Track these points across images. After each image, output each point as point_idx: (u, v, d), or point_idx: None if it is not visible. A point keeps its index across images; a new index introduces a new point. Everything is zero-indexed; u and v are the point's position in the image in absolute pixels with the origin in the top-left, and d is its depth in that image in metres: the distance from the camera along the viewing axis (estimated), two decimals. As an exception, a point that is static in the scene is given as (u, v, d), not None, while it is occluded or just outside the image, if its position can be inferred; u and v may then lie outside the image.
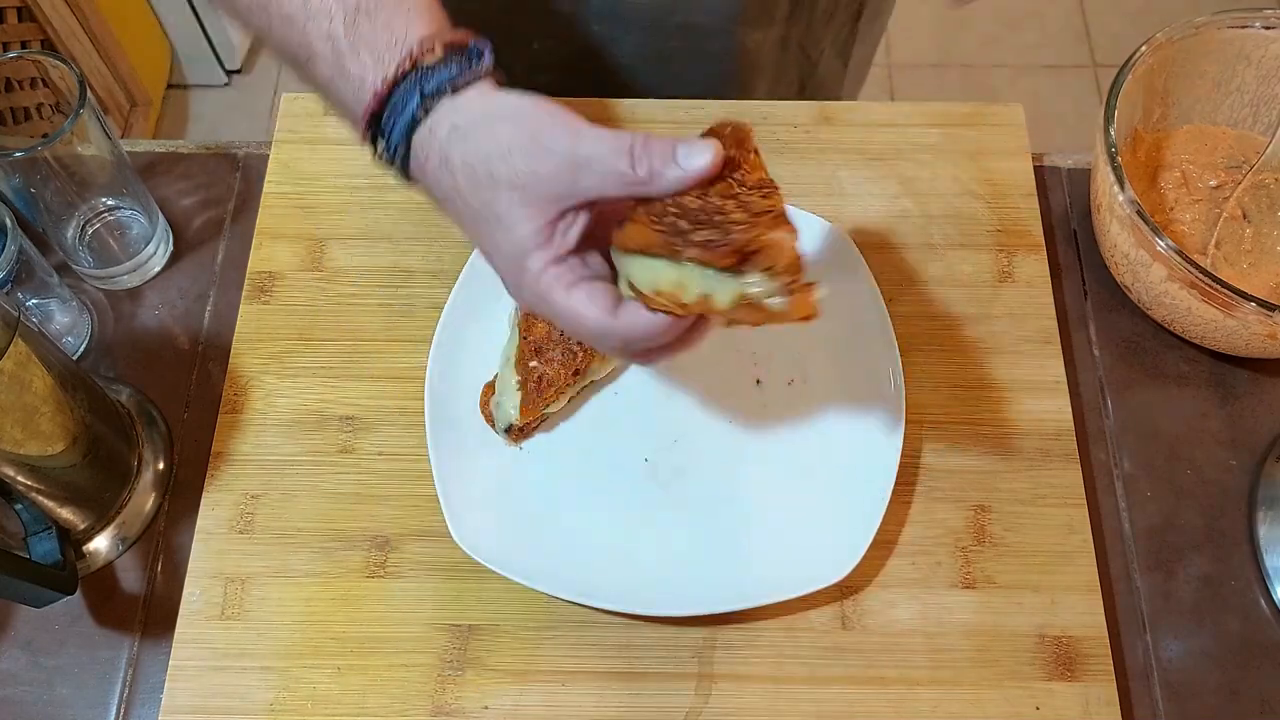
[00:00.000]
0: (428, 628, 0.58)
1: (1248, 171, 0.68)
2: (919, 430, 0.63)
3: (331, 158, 0.71)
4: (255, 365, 0.65)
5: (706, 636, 0.58)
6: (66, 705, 0.58)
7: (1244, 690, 0.58)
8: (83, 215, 0.67)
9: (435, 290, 0.67)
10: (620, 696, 0.57)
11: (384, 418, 0.64)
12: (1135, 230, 0.61)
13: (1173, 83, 0.69)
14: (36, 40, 1.52)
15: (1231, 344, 0.63)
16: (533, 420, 0.61)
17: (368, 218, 0.70)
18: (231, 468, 0.62)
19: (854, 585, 0.59)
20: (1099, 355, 0.67)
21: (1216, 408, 0.66)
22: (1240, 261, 0.67)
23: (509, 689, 0.57)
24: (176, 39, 1.83)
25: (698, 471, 0.62)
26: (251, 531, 0.61)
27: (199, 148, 0.74)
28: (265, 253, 0.69)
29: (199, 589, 0.59)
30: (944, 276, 0.68)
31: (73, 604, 0.60)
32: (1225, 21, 0.67)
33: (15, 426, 0.53)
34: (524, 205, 0.45)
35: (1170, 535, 0.62)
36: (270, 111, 1.88)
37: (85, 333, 0.68)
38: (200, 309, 0.69)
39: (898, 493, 0.59)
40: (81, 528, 0.60)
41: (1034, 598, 0.59)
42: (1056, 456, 0.62)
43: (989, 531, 0.61)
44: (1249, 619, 0.60)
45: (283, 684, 0.57)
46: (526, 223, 0.45)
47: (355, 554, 0.60)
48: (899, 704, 0.56)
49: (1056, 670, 0.57)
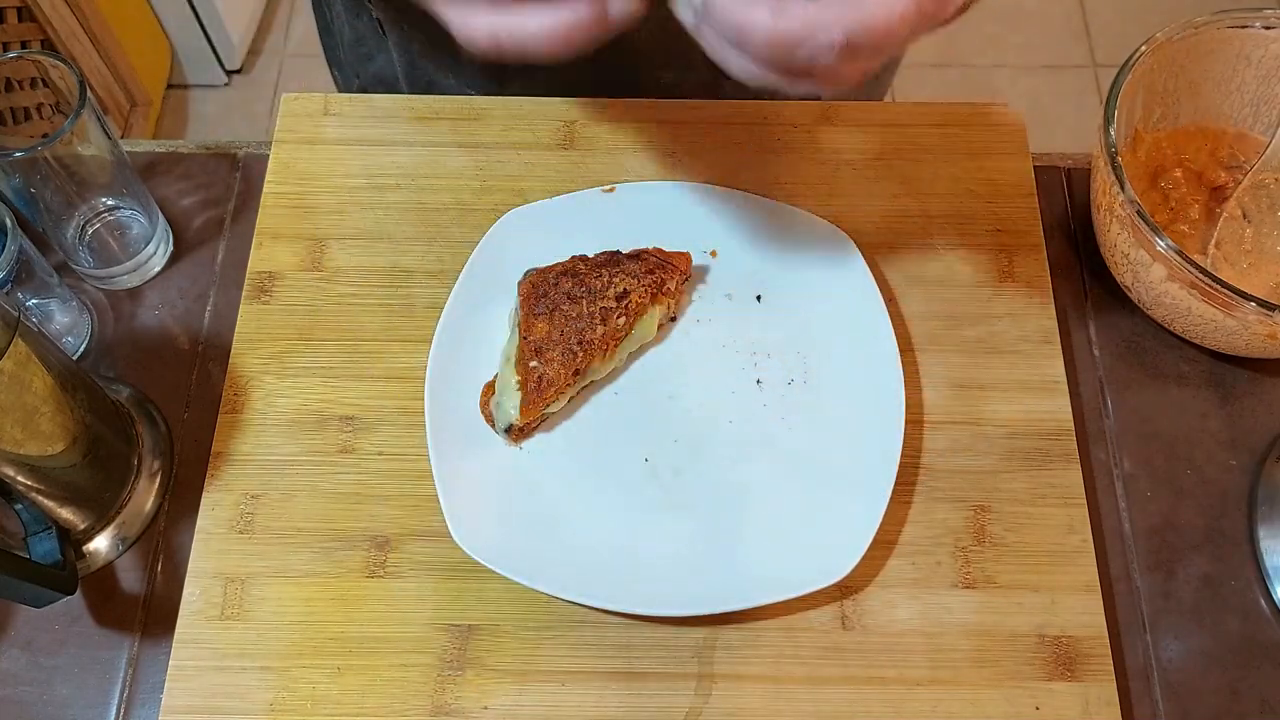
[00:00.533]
0: (428, 628, 0.58)
1: (1248, 171, 0.68)
2: (919, 430, 0.63)
3: (331, 158, 0.71)
4: (255, 365, 0.65)
5: (706, 636, 0.58)
6: (66, 705, 0.58)
7: (1244, 690, 0.58)
8: (83, 215, 0.67)
9: (435, 290, 0.67)
10: (620, 696, 0.57)
11: (384, 418, 0.64)
12: (1135, 230, 0.61)
13: (1173, 83, 0.69)
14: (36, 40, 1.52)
15: (1231, 344, 0.63)
16: (533, 420, 0.61)
17: (367, 218, 0.70)
18: (231, 468, 0.62)
19: (854, 585, 0.59)
20: (1099, 355, 0.67)
21: (1216, 408, 0.66)
22: (1240, 261, 0.67)
23: (509, 689, 0.57)
24: (176, 39, 1.83)
25: (698, 471, 0.62)
26: (251, 531, 0.61)
27: (199, 148, 0.74)
28: (265, 253, 0.69)
29: (199, 589, 0.59)
30: (944, 276, 0.68)
31: (73, 604, 0.60)
32: (1225, 21, 0.67)
33: (15, 426, 0.53)
34: None
35: (1170, 535, 0.62)
36: (270, 111, 1.88)
37: (85, 333, 0.68)
38: (200, 309, 0.69)
39: (898, 493, 0.59)
40: (81, 528, 0.60)
41: (1034, 598, 0.59)
42: (1056, 456, 0.62)
43: (989, 531, 0.61)
44: (1249, 619, 0.60)
45: (283, 684, 0.57)
46: None
47: (355, 554, 0.60)
48: (899, 704, 0.56)
49: (1056, 670, 0.57)
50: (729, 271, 0.67)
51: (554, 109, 0.73)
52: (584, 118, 0.73)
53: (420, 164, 0.71)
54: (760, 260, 0.67)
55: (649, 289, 0.62)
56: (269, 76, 1.93)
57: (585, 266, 0.63)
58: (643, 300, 0.62)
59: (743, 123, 0.72)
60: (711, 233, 0.67)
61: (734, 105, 0.73)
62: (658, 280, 0.62)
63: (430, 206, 0.70)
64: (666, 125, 0.73)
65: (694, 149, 0.72)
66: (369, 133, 0.72)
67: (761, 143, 0.72)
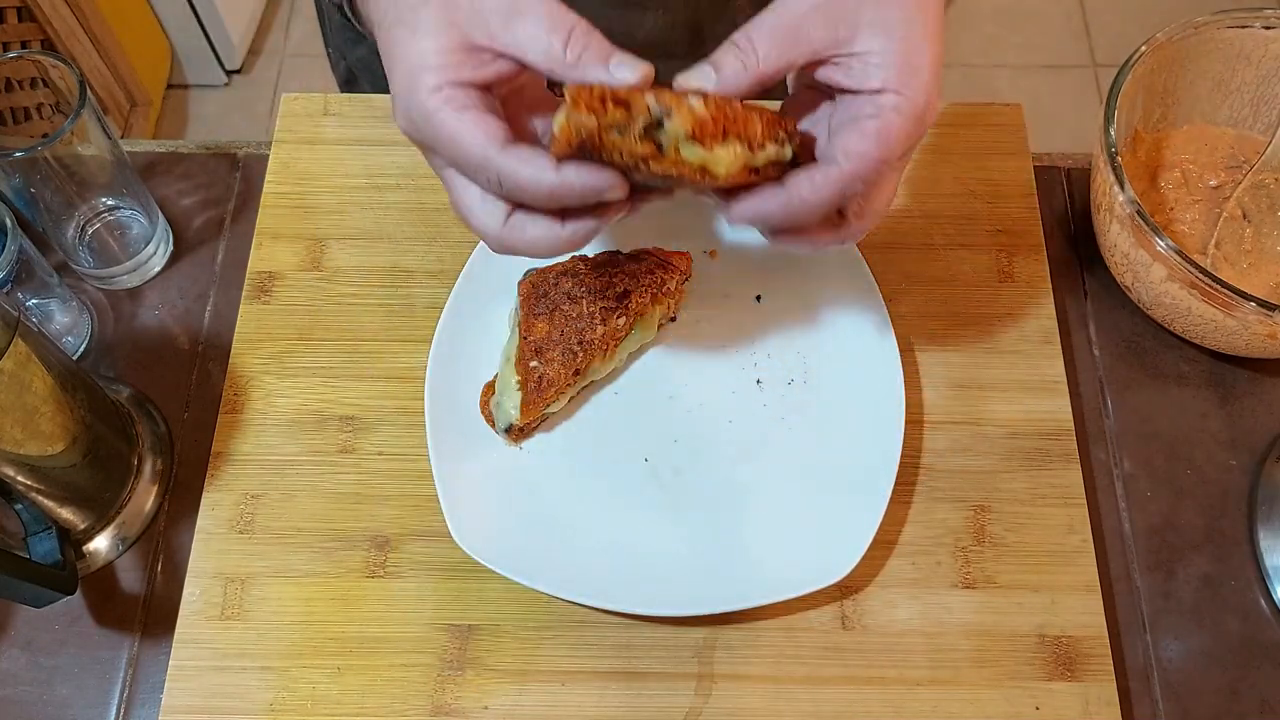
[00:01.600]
0: (428, 628, 0.58)
1: (1248, 171, 0.68)
2: (919, 430, 0.63)
3: (331, 158, 0.71)
4: (255, 365, 0.65)
5: (706, 636, 0.58)
6: (66, 705, 0.58)
7: (1244, 690, 0.58)
8: (83, 215, 0.67)
9: (435, 290, 0.67)
10: (620, 696, 0.57)
11: (384, 418, 0.64)
12: (1135, 230, 0.61)
13: (1173, 83, 0.69)
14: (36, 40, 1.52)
15: (1231, 344, 0.63)
16: (533, 420, 0.61)
17: (367, 218, 0.70)
18: (231, 468, 0.62)
19: (854, 585, 0.59)
20: (1099, 355, 0.67)
21: (1216, 408, 0.66)
22: (1240, 261, 0.67)
23: (509, 689, 0.57)
24: (176, 39, 1.83)
25: (698, 471, 0.62)
26: (251, 531, 0.61)
27: (199, 148, 0.74)
28: (265, 253, 0.69)
29: (199, 589, 0.59)
30: (944, 276, 0.68)
31: (73, 604, 0.60)
32: (1225, 21, 0.67)
33: (15, 426, 0.53)
34: (445, 24, 0.42)
35: (1170, 535, 0.62)
36: (270, 111, 1.88)
37: (85, 333, 0.68)
38: (200, 309, 0.69)
39: (898, 493, 0.59)
40: (81, 528, 0.60)
41: (1034, 598, 0.59)
42: (1056, 456, 0.62)
43: (989, 531, 0.61)
44: (1249, 619, 0.60)
45: (283, 684, 0.57)
46: (440, 37, 0.42)
47: (355, 554, 0.60)
48: (898, 704, 0.56)
49: (1056, 670, 0.57)
50: (729, 271, 0.67)
51: (554, 109, 0.73)
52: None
53: (420, 164, 0.71)
54: (760, 260, 0.67)
55: (649, 289, 0.62)
56: (269, 76, 1.93)
57: (585, 266, 0.63)
58: (643, 300, 0.62)
59: (743, 123, 0.72)
60: (711, 233, 0.67)
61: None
62: (658, 280, 0.62)
63: (430, 206, 0.70)
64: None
65: (694, 149, 0.72)
66: (369, 133, 0.72)
67: (761, 143, 0.72)
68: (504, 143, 0.42)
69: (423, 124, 0.43)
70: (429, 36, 0.42)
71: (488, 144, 0.42)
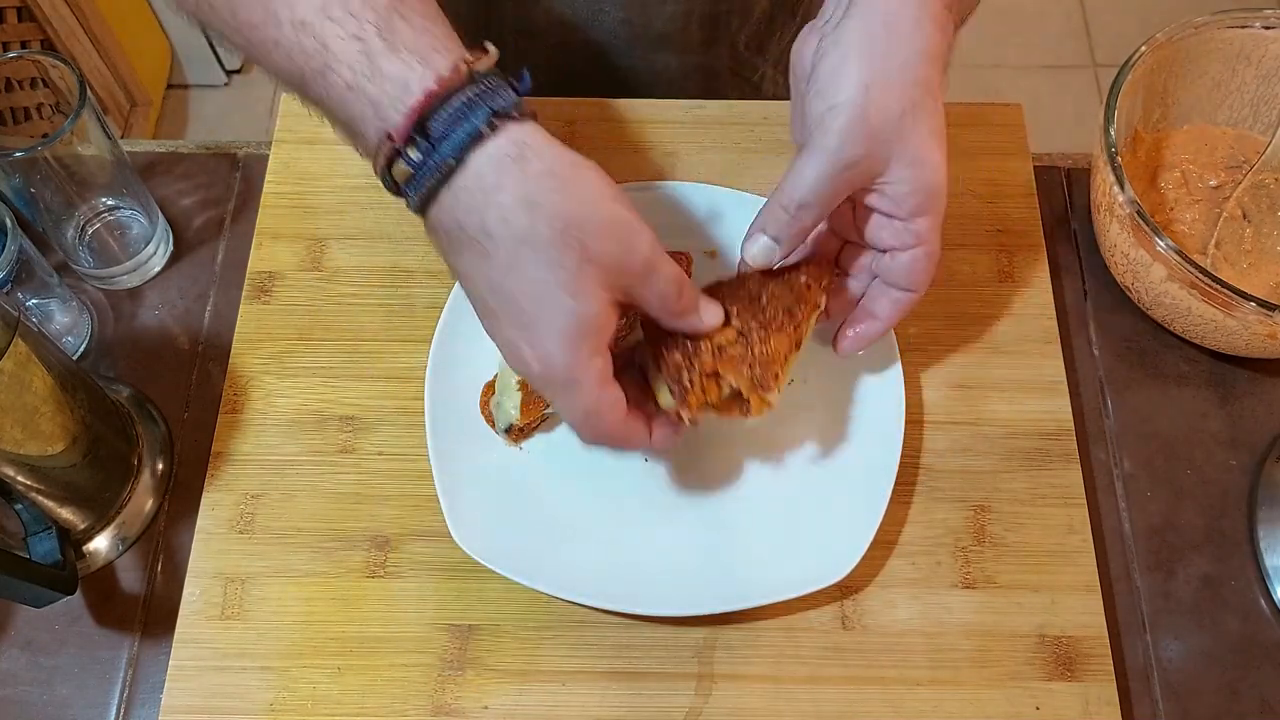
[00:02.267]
0: (428, 628, 0.58)
1: (1248, 171, 0.68)
2: (919, 430, 0.63)
3: (331, 158, 0.71)
4: (255, 365, 0.65)
5: (706, 636, 0.58)
6: (66, 705, 0.58)
7: (1244, 690, 0.58)
8: (83, 215, 0.67)
9: (435, 290, 0.67)
10: (620, 696, 0.57)
11: (384, 418, 0.64)
12: (1135, 230, 0.61)
13: (1173, 83, 0.69)
14: (36, 40, 1.52)
15: (1231, 344, 0.63)
16: (533, 420, 0.61)
17: (367, 217, 0.70)
18: (231, 468, 0.62)
19: (854, 585, 0.59)
20: (1099, 355, 0.67)
21: (1216, 408, 0.66)
22: (1240, 261, 0.67)
23: (509, 689, 0.57)
24: (176, 39, 1.83)
25: (698, 471, 0.61)
26: (251, 531, 0.61)
27: (199, 148, 0.74)
28: (265, 253, 0.69)
29: (199, 589, 0.59)
30: (944, 276, 0.68)
31: (73, 604, 0.60)
32: (1225, 21, 0.67)
33: (15, 426, 0.53)
34: (601, 286, 0.44)
35: (1170, 535, 0.62)
36: (270, 111, 1.88)
37: (85, 333, 0.68)
38: (200, 309, 0.69)
39: (898, 493, 0.59)
40: (81, 528, 0.60)
41: (1034, 598, 0.59)
42: (1056, 456, 0.62)
43: (989, 531, 0.61)
44: (1249, 619, 0.60)
45: (283, 684, 0.57)
46: (599, 302, 0.45)
47: (355, 554, 0.60)
48: (899, 704, 0.56)
49: (1056, 670, 0.57)
50: (729, 271, 0.67)
51: (554, 109, 0.73)
52: (584, 118, 0.73)
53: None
54: (760, 260, 0.67)
55: (649, 289, 0.62)
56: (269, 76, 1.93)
57: (585, 267, 0.63)
58: (643, 300, 0.61)
59: (743, 123, 0.72)
60: (711, 233, 0.67)
61: (734, 105, 0.73)
62: (658, 280, 0.62)
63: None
64: (666, 125, 0.73)
65: (694, 149, 0.72)
66: (369, 133, 0.72)
67: (761, 143, 0.72)
68: (625, 416, 0.48)
69: (563, 377, 0.45)
70: (588, 298, 0.44)
71: (615, 419, 0.47)
